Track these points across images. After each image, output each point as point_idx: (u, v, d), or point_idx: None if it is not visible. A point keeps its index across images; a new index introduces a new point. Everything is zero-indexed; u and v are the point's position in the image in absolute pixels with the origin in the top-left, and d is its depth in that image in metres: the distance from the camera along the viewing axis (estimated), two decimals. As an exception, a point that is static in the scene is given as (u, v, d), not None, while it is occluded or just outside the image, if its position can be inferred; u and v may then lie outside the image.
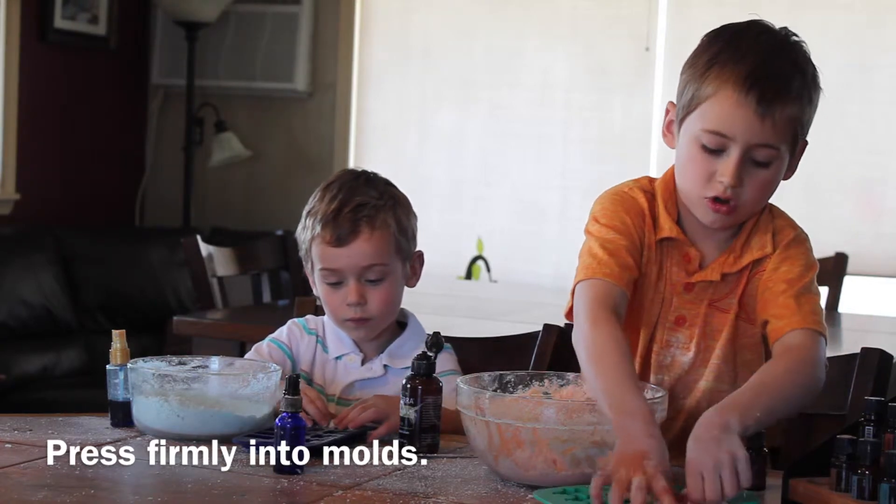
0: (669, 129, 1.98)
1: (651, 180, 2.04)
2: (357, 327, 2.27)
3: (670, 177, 2.00)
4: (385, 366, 2.28)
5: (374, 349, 2.30)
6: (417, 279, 2.34)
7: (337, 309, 2.27)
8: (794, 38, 1.94)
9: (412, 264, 2.32)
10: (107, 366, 2.10)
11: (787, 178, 1.96)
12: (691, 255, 1.97)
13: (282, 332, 2.32)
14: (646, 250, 1.98)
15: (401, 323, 2.34)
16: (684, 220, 1.99)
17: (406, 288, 2.34)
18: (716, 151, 1.89)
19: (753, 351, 1.98)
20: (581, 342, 1.88)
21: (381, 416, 2.06)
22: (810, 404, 1.90)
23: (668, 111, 1.99)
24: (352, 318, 2.26)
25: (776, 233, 1.97)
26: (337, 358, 2.29)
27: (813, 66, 1.93)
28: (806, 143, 1.95)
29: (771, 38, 1.92)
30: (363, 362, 2.29)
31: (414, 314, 2.36)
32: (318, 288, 2.30)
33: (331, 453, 1.90)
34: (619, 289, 1.92)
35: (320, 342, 2.31)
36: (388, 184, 2.32)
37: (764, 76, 1.86)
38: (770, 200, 1.99)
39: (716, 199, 1.90)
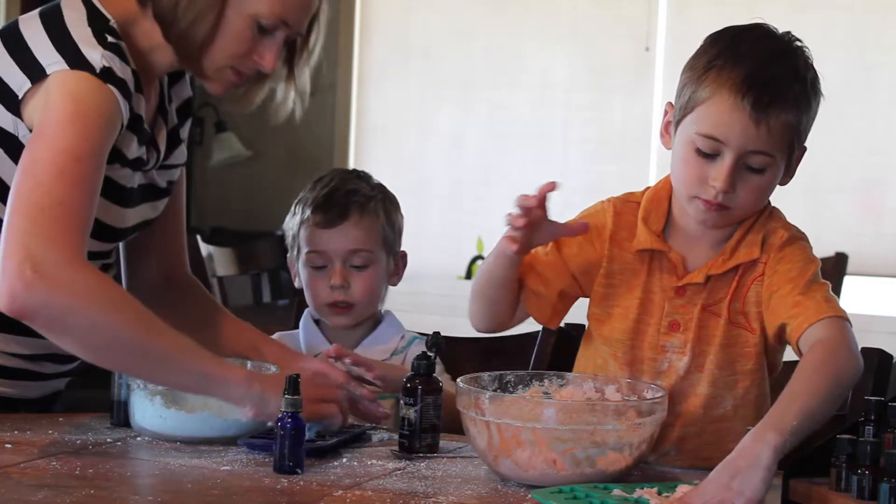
0: (667, 130, 1.98)
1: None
2: (338, 314, 2.29)
3: (661, 187, 2.01)
4: None
5: (350, 346, 2.31)
6: (400, 278, 2.38)
7: (319, 294, 2.29)
8: (797, 43, 1.93)
9: (396, 262, 2.34)
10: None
11: (783, 183, 1.95)
12: (674, 259, 1.97)
13: None
14: (612, 263, 1.99)
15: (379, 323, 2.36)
16: (672, 228, 1.99)
17: (400, 289, 2.36)
18: (710, 155, 1.88)
19: (753, 360, 1.96)
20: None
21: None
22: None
23: (666, 112, 1.99)
24: (334, 301, 2.27)
25: (767, 236, 1.95)
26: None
27: (814, 72, 1.92)
28: (804, 149, 1.94)
29: (771, 42, 1.91)
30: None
31: (392, 312, 2.37)
32: (302, 275, 2.32)
33: (332, 453, 1.90)
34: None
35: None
36: (379, 182, 2.38)
37: (761, 81, 1.85)
38: (770, 200, 1.99)
39: (708, 200, 1.91)
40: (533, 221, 1.90)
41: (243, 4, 1.96)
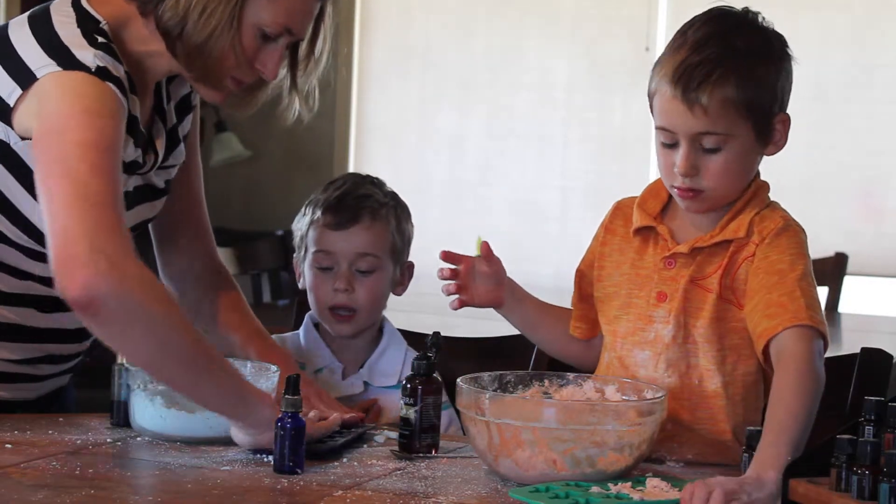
0: None
1: None
2: (340, 321, 2.28)
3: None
4: (365, 382, 2.29)
5: (352, 359, 2.30)
6: (405, 289, 2.37)
7: (323, 296, 2.28)
8: (751, 15, 1.97)
9: (402, 271, 2.34)
10: (113, 365, 2.09)
11: (770, 153, 1.99)
12: (663, 232, 2.01)
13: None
14: (605, 247, 2.07)
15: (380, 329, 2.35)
16: (669, 212, 2.05)
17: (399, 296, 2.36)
18: (671, 145, 1.96)
19: (741, 336, 1.97)
20: None
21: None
22: None
23: None
24: (337, 304, 2.26)
25: (761, 220, 1.98)
26: (316, 371, 2.28)
27: (762, 40, 1.95)
28: (786, 116, 1.97)
29: (712, 25, 1.95)
30: (343, 375, 2.29)
31: (388, 319, 2.36)
32: (307, 275, 2.32)
33: (332, 453, 1.90)
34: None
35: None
36: (392, 190, 2.38)
37: (689, 67, 1.92)
38: (770, 196, 2.01)
39: (679, 187, 1.96)
40: (453, 289, 2.08)
41: (247, 14, 1.93)
